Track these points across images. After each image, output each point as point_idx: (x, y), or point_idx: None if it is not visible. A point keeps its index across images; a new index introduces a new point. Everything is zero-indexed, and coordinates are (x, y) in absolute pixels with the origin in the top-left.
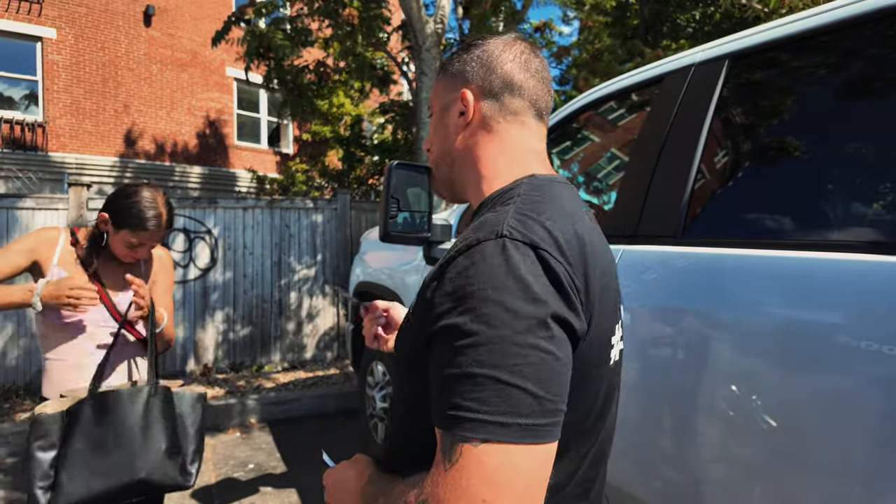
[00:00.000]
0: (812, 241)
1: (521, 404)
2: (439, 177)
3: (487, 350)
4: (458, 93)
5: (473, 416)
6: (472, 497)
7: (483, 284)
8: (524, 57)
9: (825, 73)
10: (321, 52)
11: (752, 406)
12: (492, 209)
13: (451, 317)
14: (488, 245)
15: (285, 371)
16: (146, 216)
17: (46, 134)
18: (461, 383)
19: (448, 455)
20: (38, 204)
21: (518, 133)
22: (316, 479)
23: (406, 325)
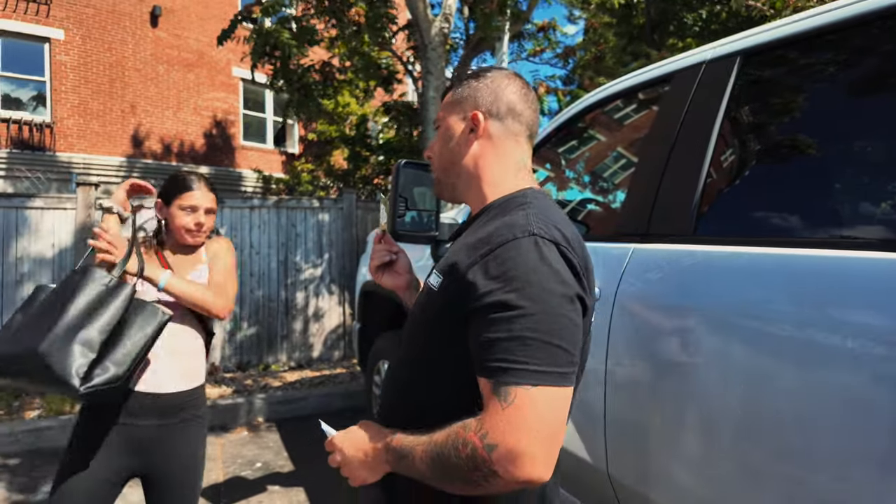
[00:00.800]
0: (824, 239)
1: (557, 358)
2: (444, 180)
3: (534, 319)
4: (471, 113)
5: (524, 367)
6: (528, 427)
7: (525, 270)
8: (524, 91)
9: (837, 70)
10: (327, 52)
11: (765, 406)
12: (504, 212)
13: (499, 294)
14: (524, 241)
15: (292, 370)
16: (188, 178)
17: (54, 134)
18: (513, 344)
19: (503, 398)
20: (46, 203)
21: (515, 150)
22: (324, 477)
23: (428, 300)
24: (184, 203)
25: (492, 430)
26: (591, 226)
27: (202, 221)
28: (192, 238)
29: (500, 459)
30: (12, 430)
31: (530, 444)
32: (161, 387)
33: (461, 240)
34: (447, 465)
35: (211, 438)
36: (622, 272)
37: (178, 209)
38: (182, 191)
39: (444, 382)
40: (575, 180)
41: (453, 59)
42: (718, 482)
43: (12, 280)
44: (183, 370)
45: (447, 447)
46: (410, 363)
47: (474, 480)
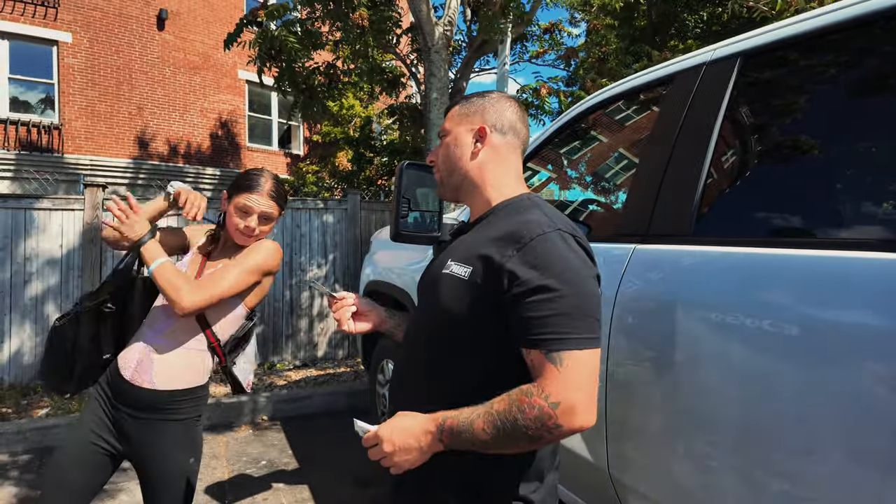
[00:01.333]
0: (823, 240)
1: (593, 327)
2: (448, 182)
3: (572, 297)
4: (478, 126)
5: (573, 336)
6: (580, 383)
7: (560, 259)
8: (520, 112)
9: (837, 71)
10: (331, 55)
11: (765, 405)
12: (517, 212)
13: (541, 280)
14: (552, 235)
15: (297, 369)
16: (254, 178)
17: (62, 136)
18: (559, 318)
19: (558, 363)
20: (54, 204)
21: (515, 161)
22: (328, 475)
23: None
24: (240, 203)
25: (553, 392)
26: (593, 226)
27: (252, 226)
28: (240, 240)
29: (564, 413)
30: (20, 428)
31: (585, 397)
32: (141, 380)
33: (475, 235)
34: (514, 428)
35: (216, 436)
36: (623, 272)
37: (234, 207)
38: (242, 190)
39: (459, 346)
40: (577, 181)
41: (456, 61)
42: (719, 481)
43: (21, 280)
44: (168, 370)
45: (511, 413)
46: (430, 343)
47: (539, 437)
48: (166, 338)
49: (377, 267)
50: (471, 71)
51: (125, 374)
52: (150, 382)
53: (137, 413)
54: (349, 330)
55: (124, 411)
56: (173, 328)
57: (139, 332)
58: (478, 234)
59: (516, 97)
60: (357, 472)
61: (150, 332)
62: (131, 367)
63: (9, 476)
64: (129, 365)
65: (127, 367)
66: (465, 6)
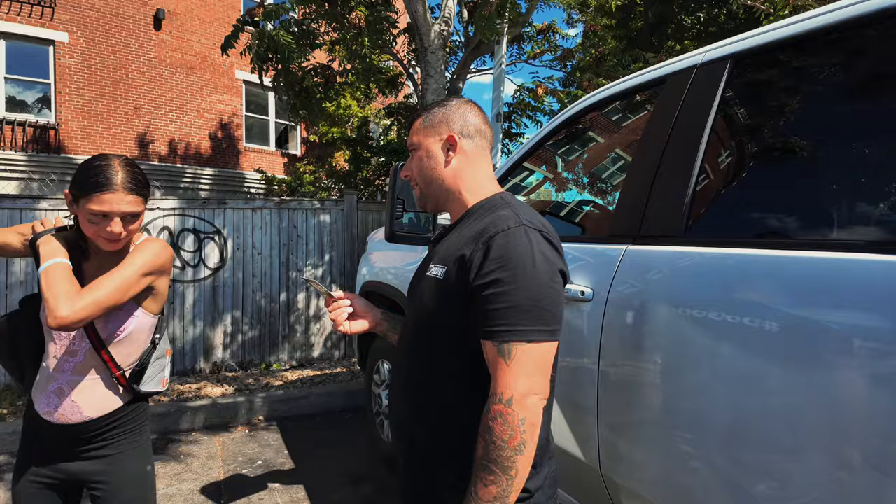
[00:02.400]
0: (813, 241)
1: (547, 319)
2: (427, 194)
3: (526, 290)
4: (447, 135)
5: (522, 328)
6: (527, 375)
7: (518, 253)
8: (482, 114)
9: (826, 73)
10: (328, 56)
11: (756, 405)
12: (490, 211)
13: (498, 273)
14: (515, 230)
15: (293, 369)
16: (101, 173)
17: (59, 136)
18: (512, 310)
19: (506, 356)
20: (51, 205)
21: (485, 162)
22: (324, 475)
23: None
24: (92, 208)
25: (504, 388)
26: (586, 226)
27: (117, 231)
28: (107, 246)
29: (519, 404)
30: (16, 429)
31: (534, 384)
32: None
33: (452, 238)
34: (501, 451)
35: (211, 437)
36: (614, 273)
37: (87, 213)
38: (90, 189)
39: (444, 347)
40: (571, 181)
41: (453, 61)
42: (710, 481)
43: (16, 281)
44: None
45: (487, 444)
46: (412, 350)
47: (521, 441)
48: (76, 374)
49: (373, 267)
50: (467, 71)
51: (50, 419)
52: (80, 416)
53: (80, 444)
54: (345, 330)
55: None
56: (79, 364)
57: (44, 376)
58: (455, 236)
59: (475, 101)
60: (351, 472)
61: (56, 372)
62: (53, 411)
63: (3, 478)
64: (51, 409)
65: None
66: (461, 7)
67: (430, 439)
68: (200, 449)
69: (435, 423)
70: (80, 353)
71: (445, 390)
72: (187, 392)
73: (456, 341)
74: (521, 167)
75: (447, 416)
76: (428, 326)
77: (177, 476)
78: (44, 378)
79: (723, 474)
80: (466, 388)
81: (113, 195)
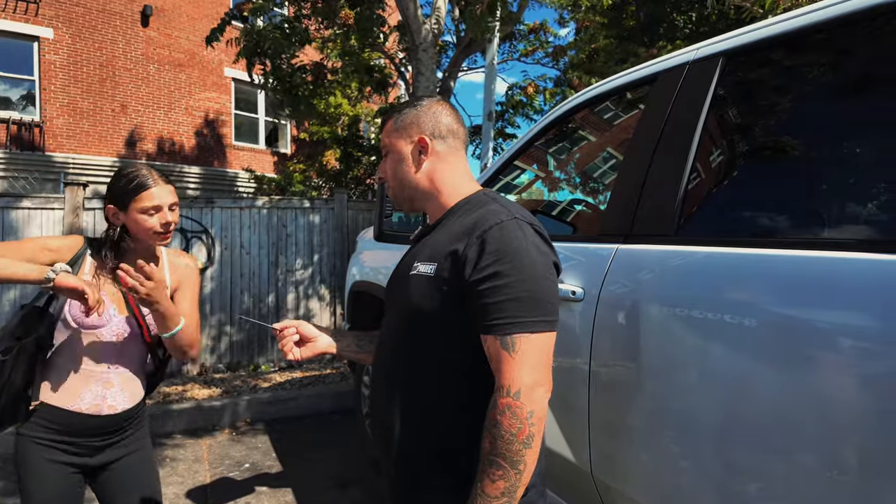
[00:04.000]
0: (804, 240)
1: (546, 310)
2: (402, 196)
3: (525, 282)
4: (418, 137)
5: (524, 319)
6: (532, 366)
7: (514, 246)
8: (454, 113)
9: (818, 71)
10: (319, 53)
11: (748, 406)
12: (476, 208)
13: (496, 266)
14: (508, 224)
15: (282, 371)
16: (139, 176)
17: (43, 134)
18: (513, 302)
19: (510, 348)
20: (34, 204)
21: (461, 162)
22: (312, 478)
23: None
24: (146, 205)
25: (511, 381)
26: (578, 226)
27: (170, 220)
28: (159, 240)
29: (527, 396)
30: None
31: (540, 375)
32: (112, 409)
33: (438, 235)
34: (509, 445)
35: (197, 440)
36: (605, 272)
37: (138, 213)
38: (140, 190)
39: (434, 345)
40: (562, 180)
41: (445, 60)
42: (702, 483)
43: None
44: (132, 392)
45: (494, 437)
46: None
47: (529, 434)
48: (122, 366)
49: (363, 267)
50: (459, 70)
51: (88, 411)
52: (125, 405)
53: (115, 433)
54: (295, 358)
55: (92, 440)
56: (126, 359)
57: (79, 374)
58: (440, 233)
59: (447, 100)
60: (340, 475)
61: (102, 365)
62: (96, 403)
63: None
64: (98, 402)
65: (88, 405)
66: (452, 5)
67: (413, 440)
68: (186, 452)
69: (418, 424)
70: (129, 347)
71: (430, 390)
72: (174, 394)
73: (449, 338)
74: (511, 166)
75: (431, 416)
76: (417, 325)
77: (162, 480)
78: (78, 376)
79: (714, 476)
80: (455, 386)
81: (158, 189)
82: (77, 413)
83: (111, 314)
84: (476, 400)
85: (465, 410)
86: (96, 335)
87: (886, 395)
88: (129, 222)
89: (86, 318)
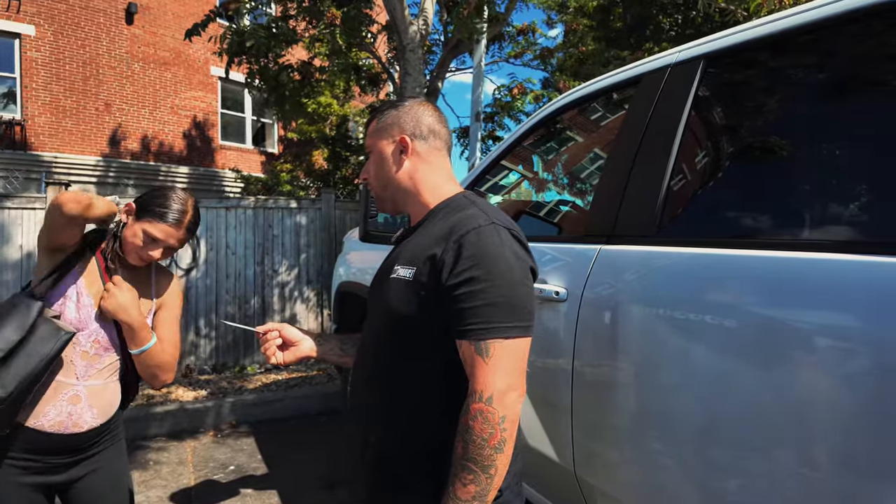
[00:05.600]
0: (784, 241)
1: (522, 315)
2: (384, 196)
3: (501, 287)
4: (398, 137)
5: (498, 325)
6: (506, 371)
7: (490, 251)
8: (437, 113)
9: (797, 73)
10: (307, 53)
11: (730, 405)
12: (456, 211)
13: (472, 271)
14: (486, 229)
15: (267, 372)
16: (171, 208)
17: (25, 132)
18: (488, 308)
19: (484, 353)
20: (15, 204)
21: (443, 162)
22: (297, 479)
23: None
24: (149, 230)
25: (484, 386)
26: (562, 226)
27: (155, 256)
28: (134, 261)
29: (500, 402)
30: None
31: (514, 380)
32: (80, 427)
33: (418, 238)
34: (480, 450)
35: (181, 442)
36: (588, 273)
37: (141, 230)
38: (156, 217)
39: (413, 349)
40: (547, 181)
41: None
42: (684, 482)
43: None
44: (106, 405)
45: (466, 442)
46: (382, 338)
47: (501, 439)
48: (94, 379)
49: (350, 267)
50: (447, 70)
51: (51, 429)
52: (90, 423)
53: (79, 452)
54: (278, 362)
55: (58, 460)
56: (100, 369)
57: (50, 388)
58: (420, 236)
59: (430, 101)
60: (326, 476)
61: (71, 376)
62: (60, 420)
63: None
64: (62, 419)
65: (52, 422)
66: (440, 6)
67: (392, 441)
68: (170, 455)
69: (398, 427)
70: (103, 357)
71: (412, 393)
72: (157, 396)
73: (428, 342)
74: (498, 166)
75: (412, 420)
76: (397, 328)
77: (145, 483)
78: (50, 390)
79: (696, 475)
80: (436, 390)
81: (169, 228)
82: (39, 431)
83: (92, 317)
84: (456, 404)
85: (446, 414)
86: (73, 341)
87: (865, 394)
88: (129, 228)
89: None
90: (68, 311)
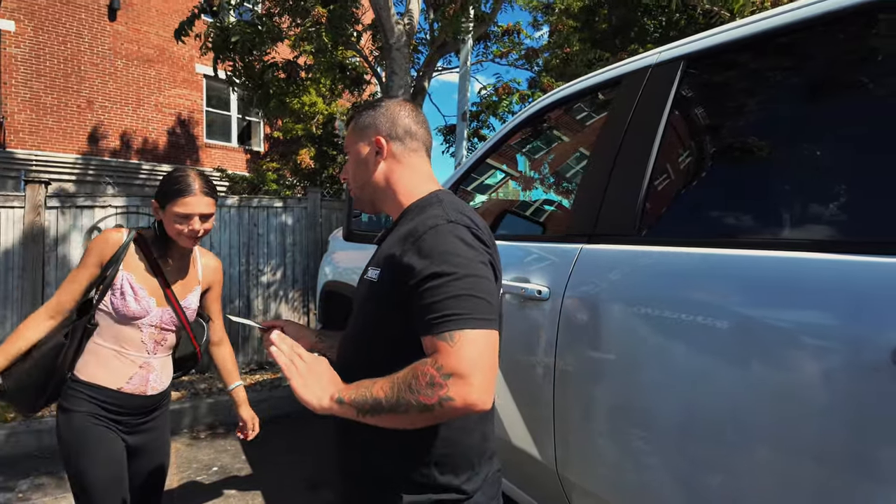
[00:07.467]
0: (764, 240)
1: (484, 308)
2: (362, 197)
3: (461, 281)
4: (374, 139)
5: (463, 316)
6: (471, 359)
7: (448, 247)
8: (415, 114)
9: (775, 74)
10: (292, 51)
11: (712, 404)
12: (421, 211)
13: (432, 268)
14: (442, 227)
15: (252, 372)
16: (186, 182)
17: (4, 129)
18: (451, 300)
19: (449, 340)
20: None
21: (420, 163)
22: (281, 480)
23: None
24: (180, 210)
25: (446, 363)
26: (546, 225)
27: (197, 228)
28: (187, 243)
29: (455, 385)
30: None
31: (480, 374)
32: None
33: (389, 239)
34: (408, 391)
35: None
36: (570, 272)
37: (172, 215)
38: (178, 196)
39: (384, 347)
40: (531, 180)
41: (420, 60)
42: (665, 479)
43: None
44: (167, 375)
45: (407, 378)
46: (355, 341)
47: (429, 407)
48: (160, 352)
49: (336, 267)
50: (433, 70)
51: (132, 391)
52: (161, 387)
53: (146, 415)
54: None
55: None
56: (164, 346)
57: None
58: (391, 236)
59: (412, 101)
60: (310, 477)
61: (143, 351)
62: (141, 383)
63: None
64: (136, 381)
65: (133, 384)
66: (427, 5)
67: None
68: None
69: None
70: (166, 336)
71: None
72: None
73: (397, 342)
74: (483, 165)
75: None
76: (369, 327)
77: None
78: (123, 360)
79: (678, 472)
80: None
81: (193, 198)
82: (126, 394)
83: (151, 305)
84: None
85: None
86: (138, 325)
87: (846, 393)
88: (164, 220)
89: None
90: (130, 304)
